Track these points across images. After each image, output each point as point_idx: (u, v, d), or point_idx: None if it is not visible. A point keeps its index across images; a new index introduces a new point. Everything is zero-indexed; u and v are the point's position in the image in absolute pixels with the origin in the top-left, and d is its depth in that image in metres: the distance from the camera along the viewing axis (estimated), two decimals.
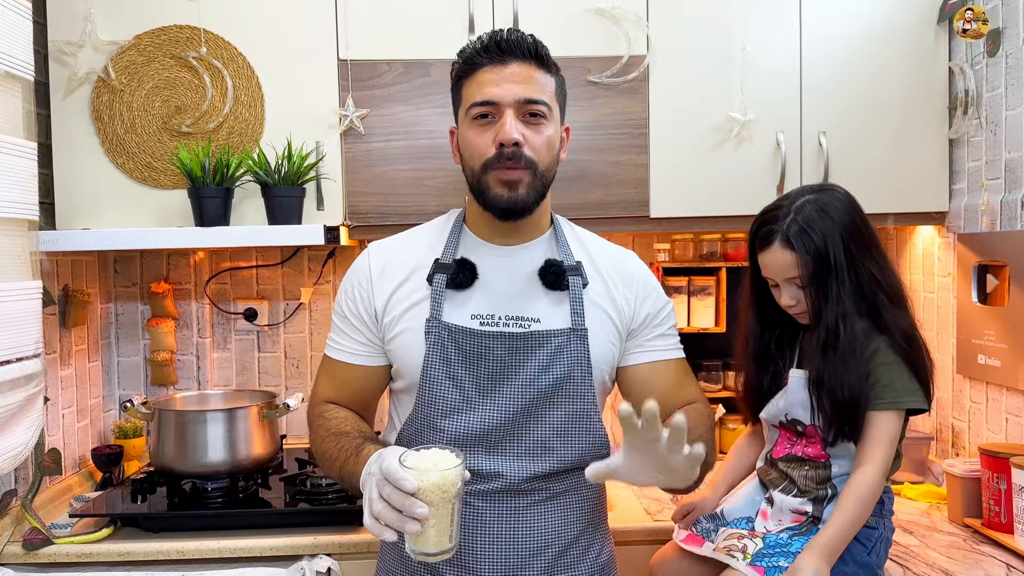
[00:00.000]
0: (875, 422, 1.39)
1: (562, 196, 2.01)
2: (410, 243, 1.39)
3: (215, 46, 1.96)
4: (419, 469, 1.03)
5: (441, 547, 1.05)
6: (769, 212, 1.46)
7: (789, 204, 1.43)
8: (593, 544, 1.35)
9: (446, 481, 1.03)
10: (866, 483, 1.36)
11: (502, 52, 1.25)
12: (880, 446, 1.38)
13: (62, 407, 2.03)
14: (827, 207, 1.41)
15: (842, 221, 1.40)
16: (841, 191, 1.46)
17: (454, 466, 1.04)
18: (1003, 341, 1.86)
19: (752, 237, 1.48)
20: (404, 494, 1.01)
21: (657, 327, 1.37)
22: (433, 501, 1.02)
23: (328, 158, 1.99)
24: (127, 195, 1.98)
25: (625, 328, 1.35)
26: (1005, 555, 1.60)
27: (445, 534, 1.05)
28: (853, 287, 1.39)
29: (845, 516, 1.36)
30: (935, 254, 2.16)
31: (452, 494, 1.04)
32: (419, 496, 1.02)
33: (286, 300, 2.39)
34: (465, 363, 1.27)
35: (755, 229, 1.47)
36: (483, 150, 1.26)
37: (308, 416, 1.38)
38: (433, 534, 1.04)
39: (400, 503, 1.01)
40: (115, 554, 1.69)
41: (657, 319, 1.37)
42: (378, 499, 1.04)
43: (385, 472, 1.03)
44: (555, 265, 1.31)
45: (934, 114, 2.06)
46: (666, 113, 2.03)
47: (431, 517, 1.02)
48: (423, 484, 1.02)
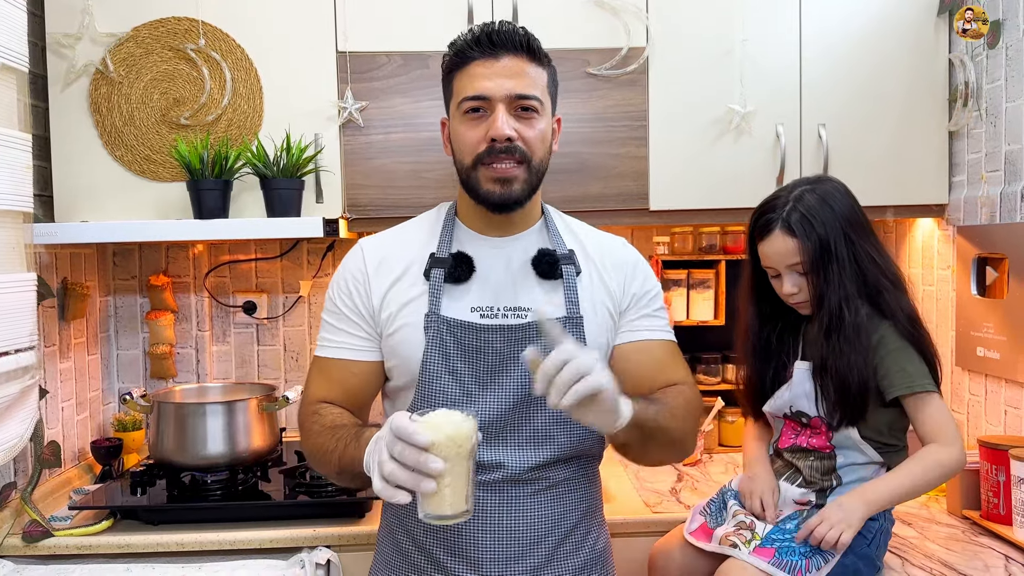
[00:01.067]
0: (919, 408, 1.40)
1: (561, 189, 2.01)
2: (403, 238, 1.38)
3: (213, 38, 1.96)
4: (432, 423, 0.99)
5: (457, 508, 1.00)
6: (768, 203, 1.47)
7: (787, 194, 1.44)
8: (591, 531, 1.35)
9: (460, 434, 0.99)
10: (934, 456, 1.38)
11: (494, 45, 1.24)
12: (941, 425, 1.39)
13: (61, 400, 2.03)
14: (826, 196, 1.42)
15: (841, 209, 1.42)
16: (838, 182, 1.47)
17: (467, 418, 1.01)
18: (1002, 333, 1.86)
19: (751, 228, 1.49)
20: (418, 450, 0.97)
21: (643, 307, 1.36)
22: (448, 456, 0.98)
23: (327, 150, 1.98)
24: (126, 188, 1.97)
25: (617, 311, 1.34)
26: (1004, 547, 1.60)
27: (461, 494, 1.00)
28: (854, 272, 1.41)
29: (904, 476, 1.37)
30: (935, 247, 2.16)
31: (467, 449, 1.00)
32: (433, 451, 0.97)
33: (285, 293, 2.38)
34: (464, 357, 1.27)
35: (754, 220, 1.48)
36: (474, 144, 1.25)
37: (300, 419, 1.33)
38: (448, 494, 0.99)
39: (414, 460, 0.97)
40: (115, 546, 1.69)
41: (643, 300, 1.36)
42: (388, 460, 0.99)
43: (396, 429, 0.98)
44: (548, 254, 1.31)
45: (934, 106, 2.06)
46: (665, 105, 2.03)
47: (446, 475, 0.98)
48: (437, 438, 0.97)
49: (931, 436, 1.39)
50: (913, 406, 1.40)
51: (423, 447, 0.97)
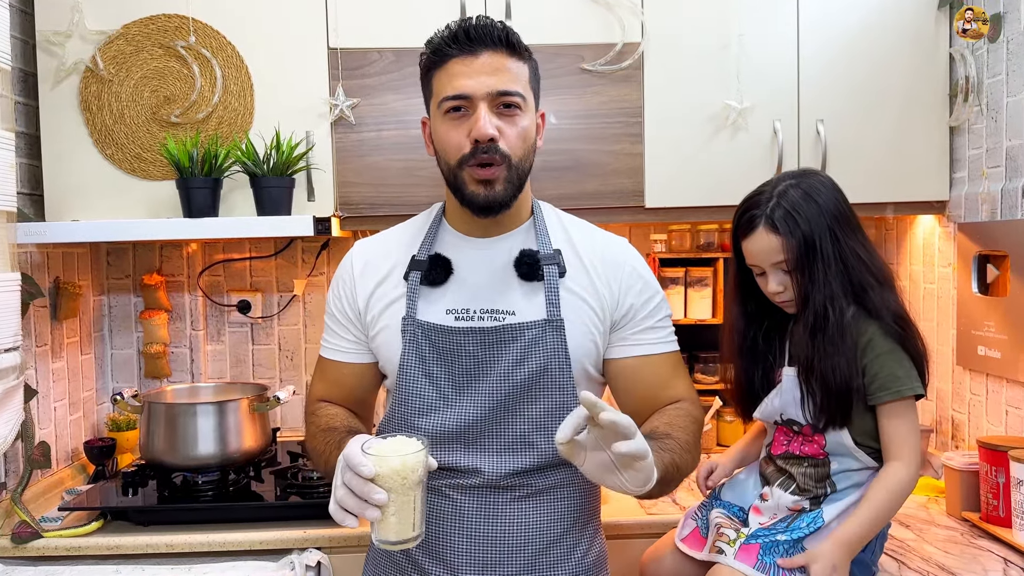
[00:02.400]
0: (890, 415, 1.36)
1: (556, 186, 1.99)
2: (391, 241, 1.37)
3: (204, 35, 1.94)
4: (379, 455, 1.03)
5: (402, 535, 1.04)
6: (752, 198, 1.43)
7: (771, 189, 1.41)
8: (580, 543, 1.32)
9: (406, 467, 1.02)
10: (896, 477, 1.34)
11: (471, 41, 1.21)
12: (905, 439, 1.35)
13: (54, 400, 2.01)
14: (811, 191, 1.38)
15: (826, 205, 1.38)
16: (823, 175, 1.44)
17: (414, 452, 1.03)
18: (1003, 332, 1.83)
19: (735, 225, 1.46)
20: (363, 480, 1.01)
21: (644, 319, 1.31)
22: (393, 487, 1.02)
23: (318, 148, 1.96)
24: (116, 186, 1.96)
25: (608, 317, 1.29)
26: (1003, 549, 1.58)
27: (407, 522, 1.04)
28: (839, 270, 1.37)
29: (873, 509, 1.33)
30: (935, 244, 2.13)
31: (413, 481, 1.03)
32: (378, 482, 1.01)
33: (280, 292, 2.37)
34: (440, 360, 1.25)
35: (738, 216, 1.45)
36: (457, 145, 1.22)
37: (305, 411, 1.39)
38: (394, 522, 1.03)
39: (360, 489, 1.01)
40: (104, 547, 1.68)
41: (644, 311, 1.31)
42: (340, 485, 1.04)
43: (346, 458, 1.03)
44: (529, 255, 1.27)
45: (934, 101, 2.03)
46: (661, 102, 2.00)
47: (391, 504, 1.02)
48: (382, 470, 1.01)
49: (894, 451, 1.35)
50: (888, 413, 1.36)
51: (367, 478, 1.01)
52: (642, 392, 1.30)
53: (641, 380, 1.31)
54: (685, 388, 1.34)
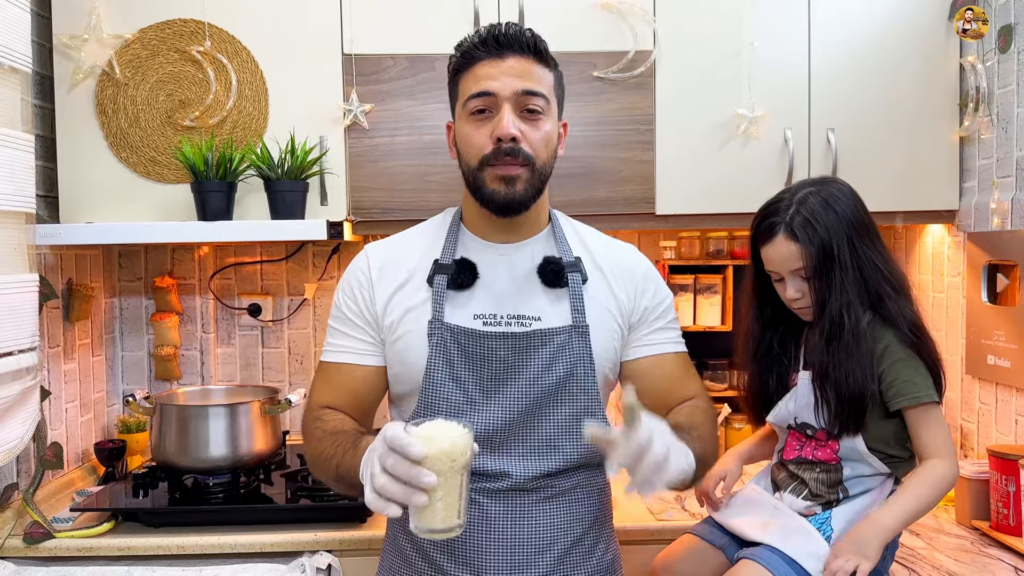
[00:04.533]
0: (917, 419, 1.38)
1: (568, 193, 2.00)
2: (408, 244, 1.36)
3: (219, 40, 1.96)
4: (426, 436, 0.97)
5: (448, 523, 0.98)
6: (771, 205, 1.44)
7: (791, 196, 1.42)
8: (599, 543, 1.33)
9: (455, 448, 0.96)
10: (937, 472, 1.36)
11: (500, 46, 1.23)
12: (939, 440, 1.37)
13: (65, 401, 2.02)
14: (830, 199, 1.39)
15: (845, 213, 1.39)
16: (843, 183, 1.45)
17: (463, 433, 0.99)
18: (1013, 341, 1.83)
19: (754, 231, 1.47)
20: (410, 463, 0.95)
21: (656, 320, 1.34)
22: (441, 470, 0.96)
23: (332, 153, 1.98)
24: (131, 189, 1.97)
25: (626, 322, 1.32)
26: (1013, 558, 1.58)
27: (453, 508, 0.98)
28: (856, 278, 1.38)
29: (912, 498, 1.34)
30: (945, 253, 2.13)
31: (461, 464, 0.97)
32: (426, 465, 0.95)
33: (290, 296, 2.38)
34: (468, 364, 1.25)
35: (757, 223, 1.46)
36: (480, 145, 1.23)
37: (303, 423, 1.31)
38: (441, 508, 0.97)
39: (406, 473, 0.95)
40: (115, 548, 1.69)
41: (656, 312, 1.35)
42: (380, 472, 0.97)
43: (390, 441, 0.96)
44: (553, 262, 1.29)
45: (944, 111, 2.04)
46: (672, 109, 2.02)
47: (438, 489, 0.96)
48: (431, 452, 0.95)
49: (931, 450, 1.37)
50: (915, 418, 1.37)
51: (416, 460, 0.95)
52: (657, 391, 1.31)
53: (655, 379, 1.32)
54: (697, 386, 1.37)
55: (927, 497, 1.35)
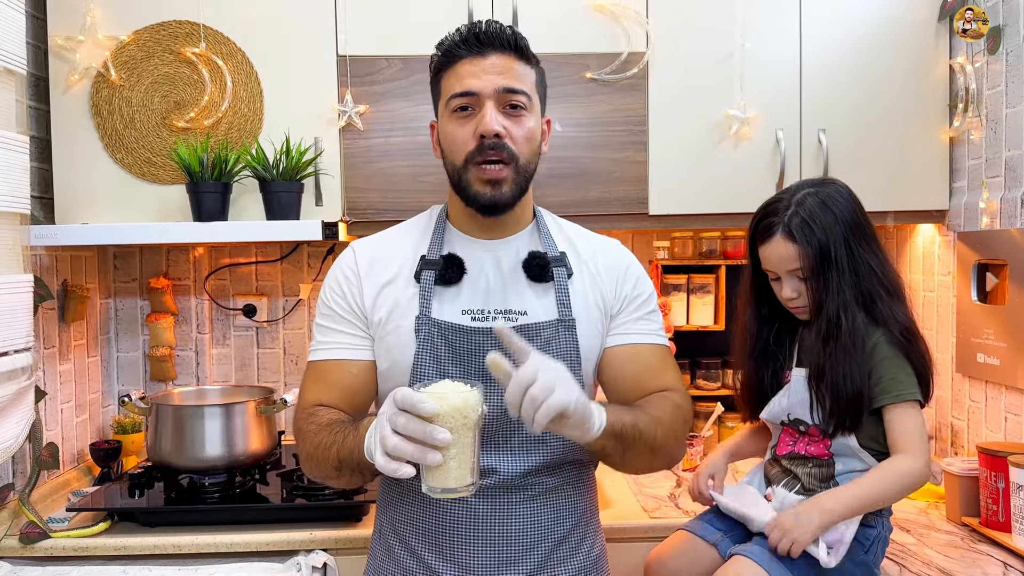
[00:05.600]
0: (894, 416, 1.38)
1: (561, 193, 2.01)
2: (395, 241, 1.37)
3: (214, 42, 1.96)
4: (437, 393, 0.97)
5: (462, 481, 0.99)
6: (770, 205, 1.46)
7: (790, 197, 1.43)
8: (586, 538, 1.34)
9: (467, 404, 0.98)
10: (896, 466, 1.36)
11: (481, 44, 1.24)
12: (911, 438, 1.37)
13: (60, 402, 2.03)
14: (828, 200, 1.41)
15: (843, 214, 1.41)
16: (841, 185, 1.46)
17: (472, 389, 1.00)
18: (1003, 340, 1.85)
19: (752, 231, 1.48)
20: (423, 421, 0.96)
21: (635, 311, 1.33)
22: (454, 427, 0.96)
23: (327, 154, 1.99)
24: (126, 190, 1.98)
25: (608, 315, 1.33)
26: (1002, 554, 1.59)
27: (467, 467, 0.99)
28: (852, 279, 1.40)
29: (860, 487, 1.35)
30: (935, 252, 2.15)
31: (473, 420, 0.98)
32: (438, 422, 0.96)
33: (285, 296, 2.39)
34: (455, 360, 1.26)
35: (756, 222, 1.47)
36: (464, 143, 1.24)
37: (295, 424, 1.30)
38: (454, 467, 0.98)
39: (419, 431, 0.96)
40: (112, 548, 1.69)
41: (635, 302, 1.34)
42: (392, 434, 0.97)
43: (400, 401, 0.97)
44: (539, 257, 1.30)
45: (934, 112, 2.06)
46: (665, 110, 2.03)
47: (452, 446, 0.96)
48: (443, 408, 0.96)
49: (900, 447, 1.37)
50: (893, 413, 1.38)
51: (428, 417, 0.96)
52: (630, 381, 1.31)
53: (629, 369, 1.31)
54: (673, 379, 1.34)
55: (882, 489, 1.35)
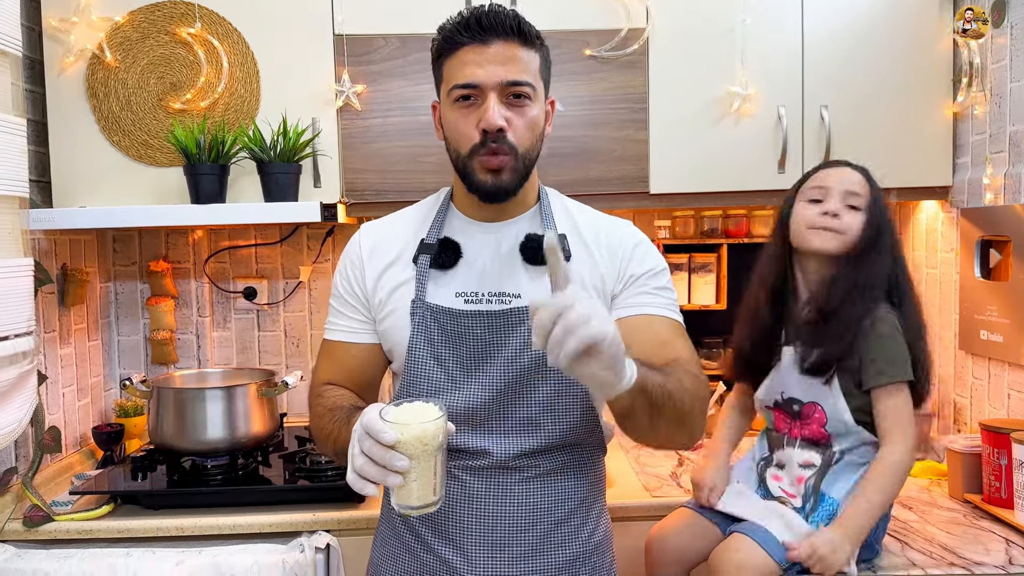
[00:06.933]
0: (883, 396, 1.40)
1: (562, 172, 2.00)
2: (399, 224, 1.38)
3: (210, 22, 1.94)
4: (399, 423, 1.02)
5: (424, 500, 1.05)
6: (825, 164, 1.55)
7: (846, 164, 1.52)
8: (586, 523, 1.33)
9: (427, 434, 1.02)
10: (892, 459, 1.39)
11: (483, 30, 1.20)
12: (899, 423, 1.40)
13: (62, 385, 2.03)
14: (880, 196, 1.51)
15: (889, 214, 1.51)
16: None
17: (435, 418, 1.04)
18: (1006, 316, 1.84)
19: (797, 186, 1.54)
20: (384, 447, 1.01)
21: (643, 284, 1.29)
22: (414, 454, 1.02)
23: (324, 135, 1.97)
24: (123, 173, 1.97)
25: (609, 298, 1.29)
26: (1005, 530, 1.60)
27: (428, 487, 1.04)
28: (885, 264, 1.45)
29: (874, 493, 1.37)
30: (938, 229, 2.14)
31: (433, 447, 1.03)
32: (399, 449, 1.01)
33: (285, 279, 2.38)
34: (448, 343, 1.26)
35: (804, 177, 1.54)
36: (468, 134, 1.23)
37: (308, 400, 1.38)
38: (416, 487, 1.03)
39: (380, 456, 1.01)
40: (115, 531, 1.70)
41: (643, 277, 1.30)
42: (359, 454, 1.03)
43: (365, 426, 1.03)
44: (534, 239, 1.28)
45: (938, 87, 2.03)
46: (666, 87, 2.01)
47: (412, 470, 1.02)
48: (403, 437, 1.01)
49: (890, 431, 1.40)
50: (885, 393, 1.40)
51: (389, 445, 1.00)
52: (641, 352, 1.22)
53: (640, 340, 1.23)
54: (688, 354, 1.27)
55: (891, 488, 1.39)
